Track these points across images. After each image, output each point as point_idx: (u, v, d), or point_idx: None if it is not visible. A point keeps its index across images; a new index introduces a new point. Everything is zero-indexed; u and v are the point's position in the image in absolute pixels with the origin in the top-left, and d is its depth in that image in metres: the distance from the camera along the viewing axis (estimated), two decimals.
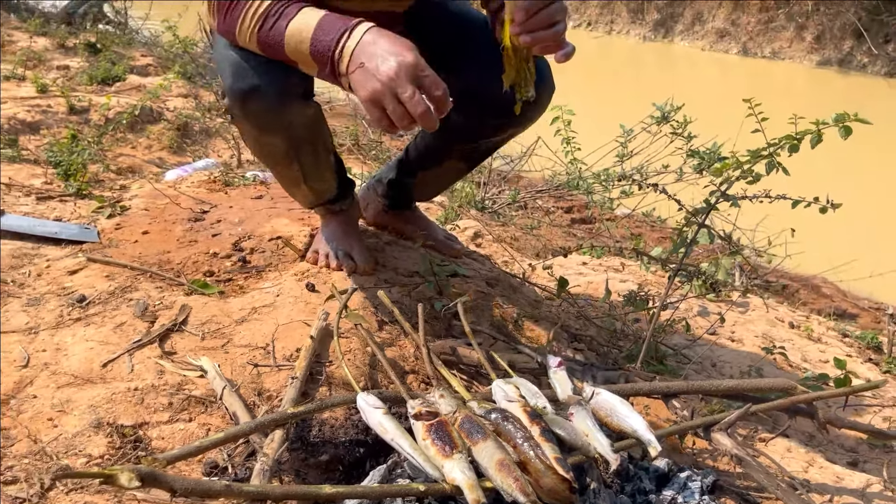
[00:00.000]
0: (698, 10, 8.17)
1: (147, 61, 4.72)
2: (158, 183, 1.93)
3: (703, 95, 6.71)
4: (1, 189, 1.68)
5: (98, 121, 2.69)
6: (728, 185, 1.25)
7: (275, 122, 1.22)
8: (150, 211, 1.62)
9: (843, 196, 1.33)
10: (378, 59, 0.98)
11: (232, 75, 1.18)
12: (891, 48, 6.80)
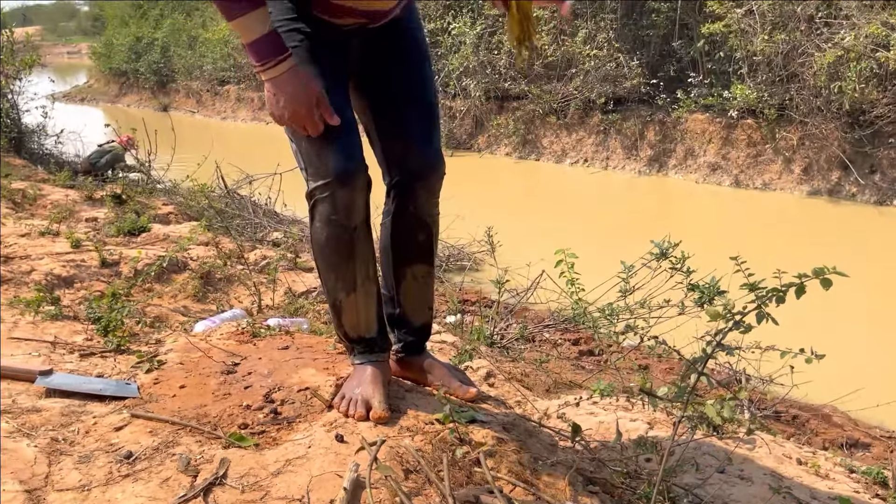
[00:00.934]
0: (689, 146, 8.59)
1: (168, 210, 4.97)
2: (189, 334, 2.05)
3: (699, 226, 6.94)
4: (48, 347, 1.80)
5: (128, 273, 2.85)
6: (723, 336, 1.36)
7: (358, 206, 1.52)
8: (185, 364, 1.73)
9: (846, 323, 1.42)
10: (280, 101, 1.42)
11: (340, 158, 1.48)
12: (877, 178, 7.10)
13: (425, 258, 1.71)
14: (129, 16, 21.49)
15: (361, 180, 1.52)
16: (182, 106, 17.53)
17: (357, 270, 1.57)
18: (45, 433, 1.36)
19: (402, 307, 1.73)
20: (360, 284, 1.59)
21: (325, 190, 1.51)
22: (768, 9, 7.43)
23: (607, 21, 9.20)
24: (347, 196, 1.50)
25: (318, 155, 1.51)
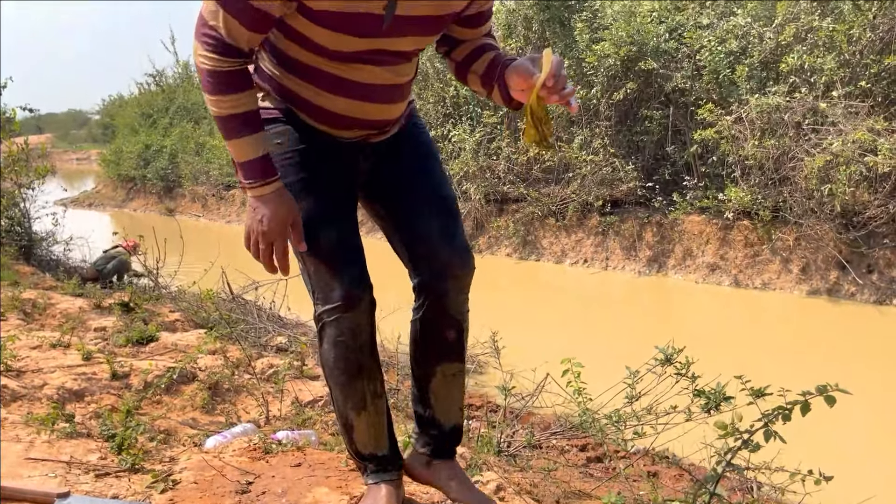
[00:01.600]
0: (687, 246, 8.73)
1: (175, 317, 5.02)
2: (200, 449, 2.06)
3: (701, 327, 6.97)
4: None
5: (138, 385, 2.88)
6: (732, 455, 1.39)
7: (363, 327, 1.58)
8: (200, 483, 1.74)
9: (853, 427, 1.43)
10: (266, 213, 1.47)
11: (347, 285, 1.55)
12: (875, 277, 7.19)
13: (456, 356, 1.72)
14: (138, 124, 22.22)
15: (366, 303, 1.58)
16: (187, 210, 17.87)
17: (366, 388, 1.61)
18: None
19: (431, 408, 1.73)
20: (370, 402, 1.62)
21: (333, 314, 1.56)
22: (757, 116, 7.73)
23: (602, 128, 9.54)
24: (353, 319, 1.57)
25: (326, 281, 1.57)
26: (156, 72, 23.07)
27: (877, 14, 7.47)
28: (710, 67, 8.54)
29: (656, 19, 9.40)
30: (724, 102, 8.43)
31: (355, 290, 1.55)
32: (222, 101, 1.43)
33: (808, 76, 7.75)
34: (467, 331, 1.75)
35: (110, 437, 2.04)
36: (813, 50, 7.82)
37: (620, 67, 9.20)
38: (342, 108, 1.55)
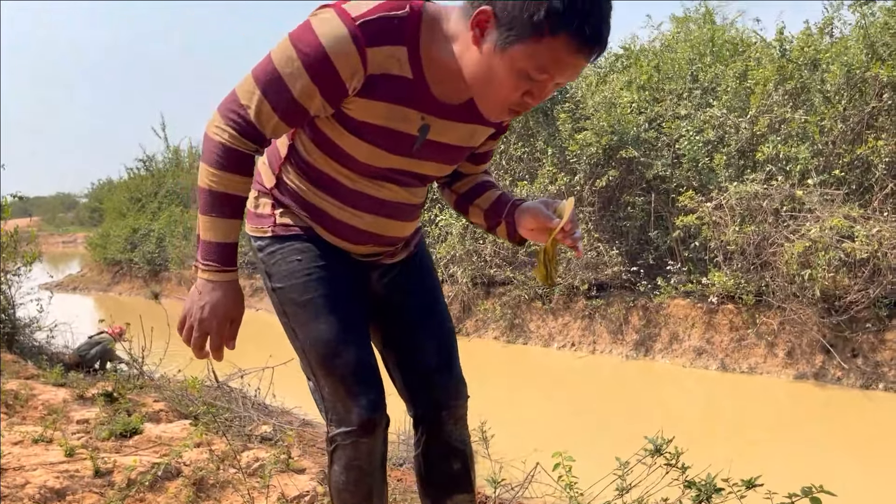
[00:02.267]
0: (673, 330, 8.78)
1: (160, 406, 4.95)
2: None
3: (690, 413, 6.95)
4: None
5: (121, 483, 2.83)
6: None
7: (378, 450, 1.57)
8: None
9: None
10: (208, 300, 1.44)
11: (366, 409, 1.52)
12: (860, 362, 7.23)
13: (464, 487, 1.71)
14: (127, 208, 22.37)
15: (383, 426, 1.57)
16: (174, 294, 17.80)
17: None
18: None
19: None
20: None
21: (348, 438, 1.54)
22: (736, 203, 7.93)
23: (586, 213, 9.72)
24: (370, 444, 1.54)
25: (342, 403, 1.54)
26: (146, 157, 23.42)
27: (847, 106, 7.78)
28: (689, 156, 8.81)
29: (636, 110, 9.74)
30: (703, 189, 8.65)
31: (374, 415, 1.52)
32: (220, 177, 1.40)
33: (783, 165, 8.00)
34: (472, 458, 1.76)
35: None
36: (787, 140, 8.10)
37: (602, 155, 9.47)
38: (362, 222, 1.58)
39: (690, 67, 9.95)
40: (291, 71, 1.32)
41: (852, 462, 5.38)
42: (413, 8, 1.33)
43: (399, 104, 1.39)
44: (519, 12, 1.20)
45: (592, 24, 1.19)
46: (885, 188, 7.35)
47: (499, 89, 1.29)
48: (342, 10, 1.31)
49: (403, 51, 1.33)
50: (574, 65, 1.25)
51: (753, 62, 9.18)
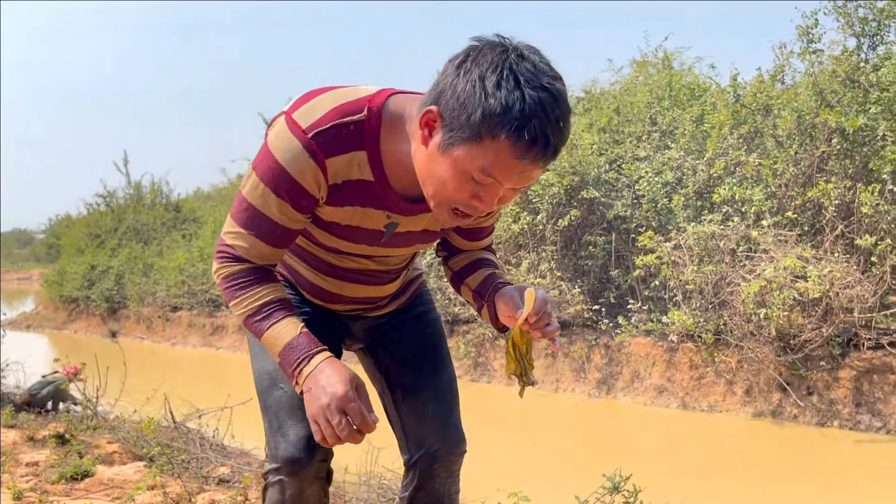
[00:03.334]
0: (635, 369, 8.86)
1: (113, 448, 4.84)
2: None
3: (650, 450, 6.98)
4: None
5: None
6: None
7: (309, 497, 1.49)
8: None
9: None
10: (319, 388, 1.29)
11: (291, 446, 1.46)
12: (815, 399, 7.37)
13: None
14: (85, 244, 21.97)
15: (313, 472, 1.48)
16: (131, 332, 17.46)
17: None
18: None
19: None
20: None
21: (275, 475, 1.49)
22: (694, 243, 8.10)
23: (548, 252, 9.83)
24: (297, 487, 1.47)
25: (273, 437, 1.51)
26: (106, 192, 23.10)
27: (798, 150, 8.05)
28: (648, 196, 8.99)
29: (597, 151, 9.95)
30: (662, 229, 8.83)
31: (300, 455, 1.45)
32: (247, 297, 1.37)
33: (739, 206, 8.22)
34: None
35: None
36: (742, 182, 8.33)
37: (564, 195, 9.62)
38: (334, 286, 1.60)
39: (649, 111, 10.22)
40: (264, 200, 1.32)
41: (807, 498, 5.45)
42: (372, 110, 1.30)
43: (363, 206, 1.39)
44: (459, 113, 1.16)
45: (535, 126, 1.13)
46: (835, 229, 7.58)
47: (444, 191, 1.24)
48: (293, 122, 1.28)
49: (363, 155, 1.31)
50: (520, 170, 1.19)
51: (709, 106, 9.47)
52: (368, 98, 1.30)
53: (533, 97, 1.11)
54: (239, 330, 15.02)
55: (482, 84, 1.12)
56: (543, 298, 1.41)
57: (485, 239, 1.69)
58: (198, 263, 15.99)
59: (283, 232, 1.37)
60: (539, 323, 1.41)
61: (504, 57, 1.14)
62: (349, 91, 1.30)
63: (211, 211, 18.77)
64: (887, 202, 7.26)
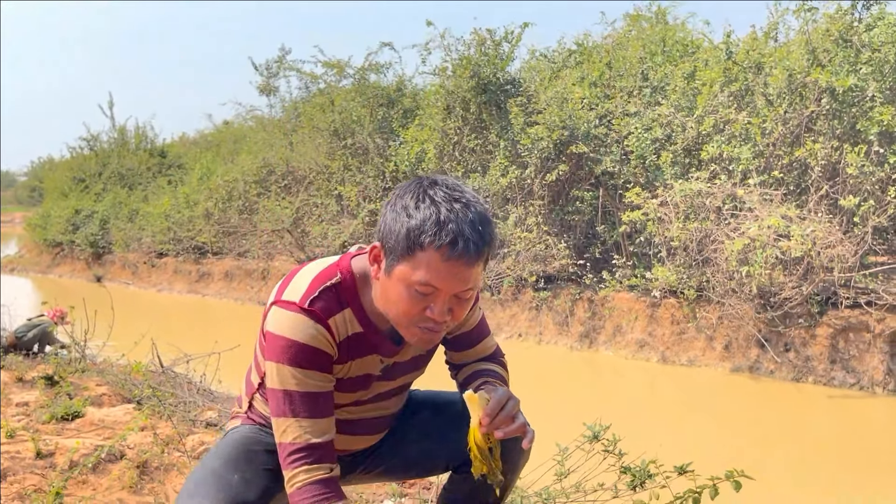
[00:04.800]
0: (617, 323, 9.00)
1: (102, 390, 4.89)
2: None
3: (630, 402, 7.14)
4: None
5: (63, 465, 2.81)
6: None
7: None
8: None
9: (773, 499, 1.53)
10: None
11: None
12: (792, 356, 7.54)
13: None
14: (69, 188, 21.74)
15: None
16: (117, 277, 17.43)
17: None
18: None
19: None
20: None
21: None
22: (680, 200, 8.15)
23: (536, 206, 9.87)
24: None
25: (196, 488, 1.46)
26: (90, 136, 22.77)
27: (787, 109, 8.06)
28: (637, 153, 9.01)
29: (587, 106, 9.91)
30: (650, 186, 8.86)
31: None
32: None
33: (726, 164, 8.26)
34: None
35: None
36: (730, 140, 8.36)
37: (553, 150, 9.61)
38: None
39: (641, 66, 10.16)
40: (297, 380, 1.39)
41: (780, 451, 5.62)
42: (343, 271, 1.45)
43: (361, 357, 1.50)
44: (392, 238, 1.33)
45: (452, 230, 1.29)
46: (819, 190, 7.65)
47: (399, 310, 1.37)
48: (286, 303, 1.41)
49: (349, 311, 1.45)
50: (453, 272, 1.32)
51: (701, 63, 9.43)
52: (336, 264, 1.47)
53: (447, 208, 1.30)
54: (225, 277, 15.04)
55: (405, 210, 1.32)
56: (498, 400, 1.44)
57: (476, 347, 1.73)
58: (184, 210, 15.90)
59: (325, 399, 1.43)
60: (497, 424, 1.43)
61: (420, 187, 1.34)
62: (317, 263, 1.48)
63: (197, 157, 18.59)
64: (873, 163, 7.32)
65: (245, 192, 14.63)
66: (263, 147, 15.33)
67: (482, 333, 1.73)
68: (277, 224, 13.34)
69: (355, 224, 11.94)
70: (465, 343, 1.71)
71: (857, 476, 5.11)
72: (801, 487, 4.88)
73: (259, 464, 1.51)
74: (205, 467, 1.47)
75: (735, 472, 1.48)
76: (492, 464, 1.44)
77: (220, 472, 1.43)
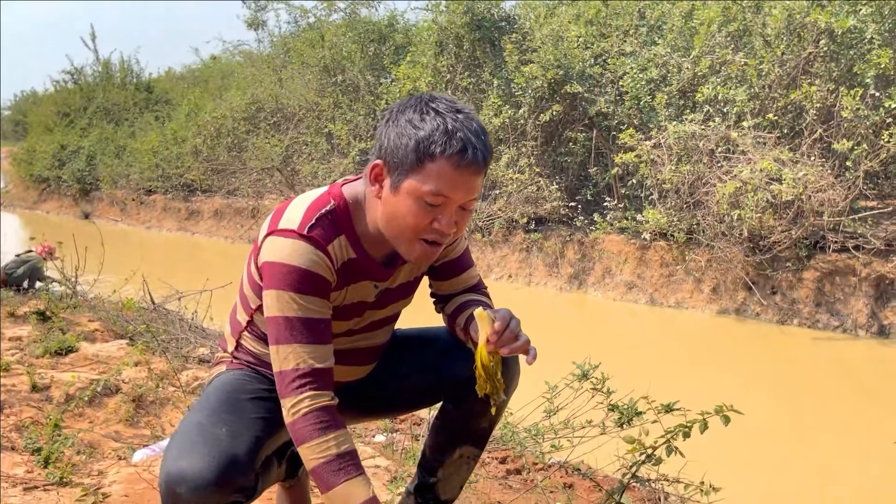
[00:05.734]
0: (607, 265, 9.05)
1: (95, 326, 4.91)
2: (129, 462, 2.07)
3: (618, 343, 7.25)
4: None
5: (59, 398, 2.84)
6: (637, 468, 1.53)
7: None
8: (131, 496, 1.76)
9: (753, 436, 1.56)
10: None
11: (199, 463, 1.34)
12: (778, 299, 7.63)
13: (478, 442, 1.75)
14: (54, 123, 21.39)
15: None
16: (105, 214, 17.31)
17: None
18: None
19: (437, 479, 1.76)
20: None
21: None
22: (674, 142, 8.11)
23: (528, 147, 9.80)
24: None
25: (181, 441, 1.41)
26: (74, 69, 22.27)
27: (784, 51, 7.96)
28: (631, 93, 8.91)
29: (582, 45, 9.75)
30: (644, 128, 8.80)
31: (194, 483, 1.34)
32: (319, 445, 1.36)
33: (721, 106, 8.19)
34: (497, 423, 1.80)
35: (36, 451, 2.02)
36: (726, 82, 8.27)
37: (547, 89, 9.49)
38: None
39: (638, 4, 9.97)
40: (297, 305, 1.38)
41: (764, 390, 5.75)
42: (336, 199, 1.46)
43: (354, 283, 1.51)
44: (398, 153, 1.35)
45: (462, 138, 1.33)
46: (814, 133, 7.62)
47: (405, 224, 1.38)
48: (282, 231, 1.41)
49: (343, 238, 1.46)
50: (462, 180, 1.35)
51: (700, 2, 9.25)
52: (328, 192, 1.48)
53: (452, 118, 1.34)
54: (215, 215, 14.98)
55: (410, 123, 1.34)
56: (504, 317, 1.46)
57: (461, 276, 1.73)
58: (172, 147, 15.71)
59: (325, 326, 1.43)
60: (503, 341, 1.45)
61: (420, 102, 1.38)
62: (306, 195, 1.49)
63: (184, 93, 18.27)
64: (868, 107, 7.28)
65: (234, 129, 14.44)
66: (252, 83, 15.07)
67: (467, 262, 1.74)
68: (267, 162, 13.22)
69: (346, 163, 11.84)
70: (451, 271, 1.72)
71: (838, 414, 5.25)
72: (784, 424, 5.01)
73: (246, 413, 1.49)
74: (191, 422, 1.44)
75: (724, 406, 1.51)
76: (496, 383, 1.46)
77: (206, 427, 1.41)
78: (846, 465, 4.41)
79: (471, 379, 1.57)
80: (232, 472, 1.34)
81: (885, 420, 4.99)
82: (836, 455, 4.54)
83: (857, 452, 4.54)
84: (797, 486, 4.07)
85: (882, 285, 7.17)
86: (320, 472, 1.35)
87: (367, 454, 2.80)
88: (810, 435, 4.87)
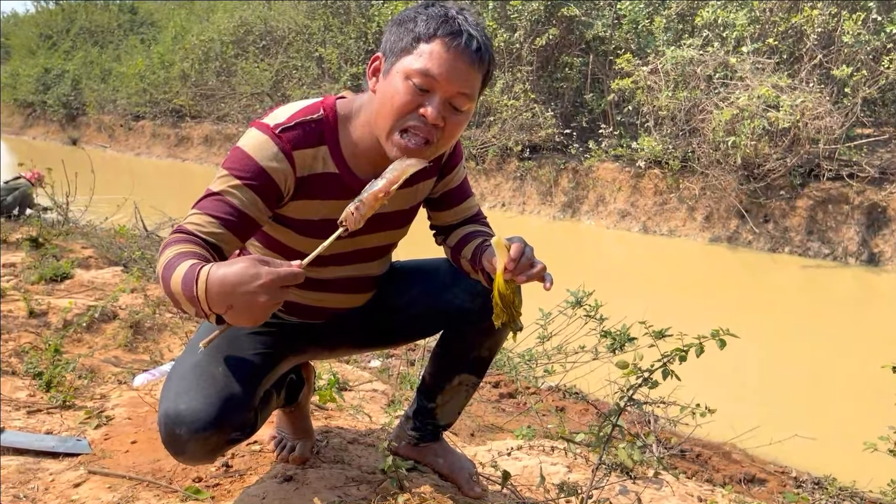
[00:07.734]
0: (600, 193, 9.04)
1: (88, 253, 4.89)
2: (127, 387, 2.10)
3: (611, 271, 7.30)
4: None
5: (57, 324, 2.85)
6: (633, 391, 1.55)
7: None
8: (134, 419, 1.79)
9: (743, 363, 1.59)
10: (237, 297, 1.13)
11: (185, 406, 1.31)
12: (770, 227, 7.67)
13: (478, 371, 1.75)
14: (36, 45, 20.85)
15: (191, 451, 1.34)
16: (93, 140, 17.06)
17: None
18: (7, 490, 1.41)
19: (435, 404, 1.78)
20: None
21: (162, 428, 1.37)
22: (671, 68, 7.98)
23: (524, 73, 9.63)
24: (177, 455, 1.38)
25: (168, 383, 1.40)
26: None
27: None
28: (629, 17, 8.72)
29: None
30: (641, 53, 8.64)
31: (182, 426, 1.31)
32: (163, 258, 1.26)
33: (720, 31, 8.03)
34: (497, 351, 1.80)
35: (37, 376, 2.04)
36: (726, 5, 8.08)
37: (544, 12, 9.26)
38: (316, 300, 1.60)
39: None
40: (228, 187, 1.34)
41: (756, 316, 5.84)
42: (326, 109, 1.44)
43: (332, 199, 1.45)
44: (396, 38, 1.35)
45: (458, 23, 1.33)
46: (813, 59, 7.51)
47: (392, 105, 1.34)
48: (262, 124, 1.40)
49: (325, 150, 1.43)
50: (454, 66, 1.32)
51: None
52: (321, 102, 1.45)
53: (455, 11, 1.35)
54: (205, 142, 14.78)
55: (411, 17, 1.35)
56: (519, 245, 1.44)
57: (461, 205, 1.70)
58: (159, 71, 15.36)
59: (239, 217, 1.34)
60: (520, 269, 1.43)
61: (425, 3, 1.37)
62: (303, 101, 1.46)
63: (170, 15, 17.76)
64: (869, 32, 7.15)
65: (222, 52, 14.10)
66: (240, 5, 14.64)
67: (467, 192, 1.71)
68: (256, 87, 12.97)
69: (337, 88, 11.63)
70: (451, 201, 1.70)
71: (826, 339, 5.34)
72: (773, 349, 5.11)
73: (244, 349, 1.48)
74: (186, 362, 1.43)
75: (721, 330, 1.53)
76: (513, 311, 1.45)
77: (203, 366, 1.40)
78: (834, 388, 4.51)
79: (470, 310, 1.59)
80: (231, 412, 1.34)
81: (873, 344, 5.09)
82: (825, 378, 4.65)
83: (845, 375, 4.65)
84: (785, 409, 4.17)
85: (874, 213, 7.20)
86: (162, 280, 1.23)
87: (364, 378, 2.84)
88: (799, 359, 4.97)
